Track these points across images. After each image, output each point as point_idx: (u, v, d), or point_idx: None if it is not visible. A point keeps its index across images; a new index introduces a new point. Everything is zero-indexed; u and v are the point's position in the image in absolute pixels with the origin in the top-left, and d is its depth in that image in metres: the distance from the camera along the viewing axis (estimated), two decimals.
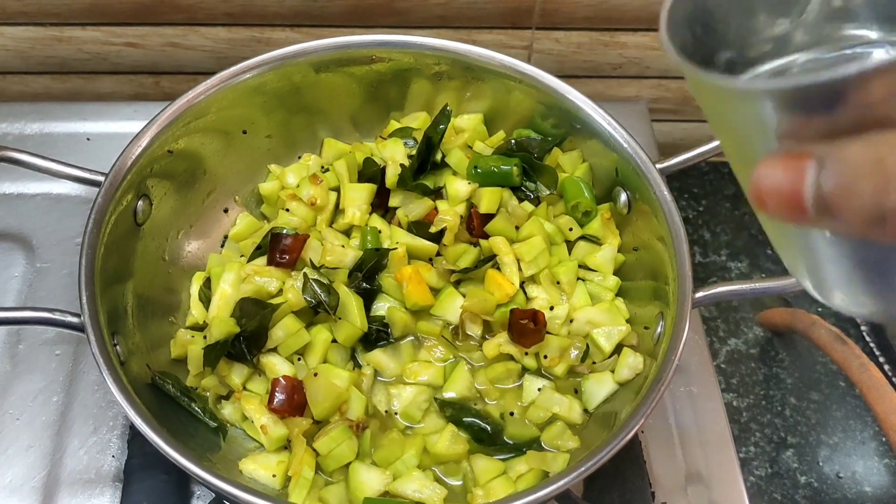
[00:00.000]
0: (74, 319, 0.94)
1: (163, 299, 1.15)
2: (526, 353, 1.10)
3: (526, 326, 1.07)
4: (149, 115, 1.24)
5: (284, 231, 1.13)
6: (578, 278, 1.15)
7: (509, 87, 1.21)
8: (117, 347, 0.98)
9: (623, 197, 1.15)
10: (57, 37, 1.45)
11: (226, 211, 1.24)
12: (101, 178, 1.03)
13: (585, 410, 1.08)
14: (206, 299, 1.13)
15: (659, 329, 1.04)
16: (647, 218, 1.09)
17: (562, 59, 1.51)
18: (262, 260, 1.13)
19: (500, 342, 1.10)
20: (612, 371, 1.08)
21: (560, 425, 1.06)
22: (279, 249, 1.10)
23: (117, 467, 1.11)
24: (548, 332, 1.09)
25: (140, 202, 1.10)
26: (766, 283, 0.99)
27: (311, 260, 1.11)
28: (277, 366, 1.06)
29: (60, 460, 1.12)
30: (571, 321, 1.11)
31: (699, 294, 0.98)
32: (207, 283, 1.14)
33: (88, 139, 1.38)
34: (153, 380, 1.04)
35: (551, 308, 1.11)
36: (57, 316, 0.95)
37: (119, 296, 1.04)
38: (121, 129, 1.38)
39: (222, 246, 1.23)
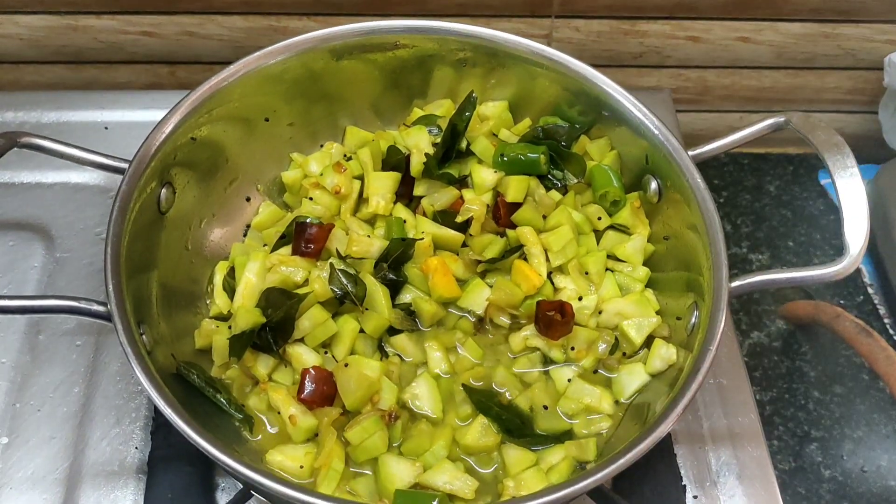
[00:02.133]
0: (101, 308, 0.93)
1: (187, 288, 1.14)
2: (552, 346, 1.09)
3: (553, 318, 1.05)
4: (167, 104, 1.23)
5: (309, 220, 1.11)
6: (607, 269, 1.14)
7: (534, 73, 1.19)
8: (143, 337, 0.96)
9: (653, 185, 1.14)
10: (72, 26, 1.44)
11: (248, 199, 1.23)
12: (125, 165, 1.02)
13: (617, 402, 1.07)
14: (230, 289, 1.12)
15: (693, 320, 1.02)
16: (679, 206, 1.07)
17: (581, 48, 1.49)
18: (287, 249, 1.11)
19: (527, 335, 1.08)
20: (644, 363, 1.07)
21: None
22: (304, 239, 1.09)
23: (140, 459, 1.10)
24: (576, 324, 1.08)
25: (163, 190, 1.08)
26: (804, 272, 0.97)
27: (336, 250, 1.10)
28: (304, 356, 1.05)
29: (83, 452, 1.10)
30: (600, 312, 1.10)
31: (735, 283, 0.96)
32: (231, 273, 1.13)
33: (106, 128, 1.37)
34: (178, 370, 1.03)
35: (579, 299, 1.10)
36: (83, 304, 0.93)
37: (144, 285, 1.03)
38: (138, 117, 1.38)
39: (245, 235, 1.22)
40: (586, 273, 1.12)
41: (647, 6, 1.43)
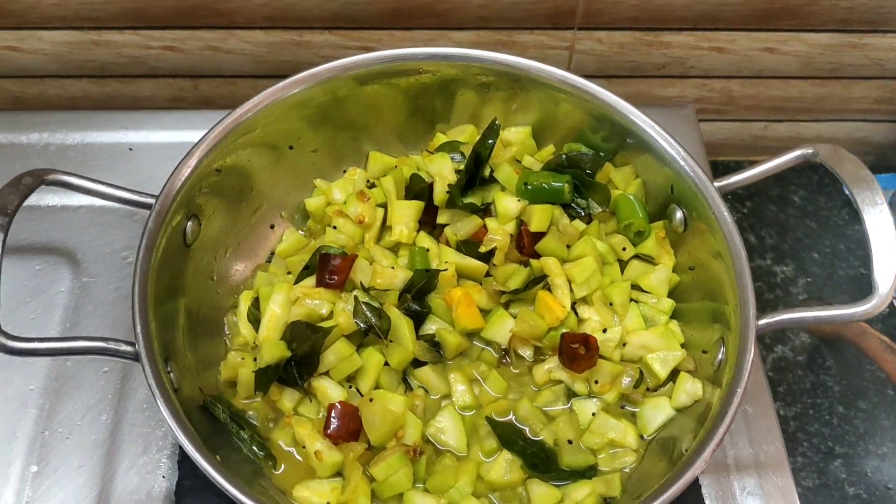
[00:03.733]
0: (129, 348, 0.94)
1: (212, 318, 1.14)
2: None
3: (577, 351, 1.05)
4: (190, 125, 1.25)
5: (332, 251, 1.11)
6: (631, 300, 1.13)
7: (557, 98, 1.19)
8: (171, 375, 0.97)
9: (678, 214, 1.13)
10: (95, 41, 1.44)
11: (272, 227, 1.23)
12: (151, 201, 1.02)
13: (642, 437, 1.07)
14: (254, 319, 1.12)
15: (719, 356, 1.02)
16: (705, 237, 1.07)
17: (604, 60, 1.48)
18: (311, 280, 1.12)
19: (551, 367, 1.08)
20: (669, 397, 1.07)
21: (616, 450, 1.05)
22: (328, 270, 1.09)
23: (168, 488, 1.11)
24: (600, 356, 1.08)
25: (189, 223, 1.09)
26: (832, 311, 0.97)
27: (361, 283, 1.10)
28: (329, 390, 1.05)
29: (111, 481, 1.11)
30: (624, 345, 1.10)
31: (763, 321, 0.96)
32: (256, 303, 1.13)
33: (130, 149, 1.37)
34: (204, 402, 1.03)
35: (604, 331, 1.09)
36: (111, 345, 0.94)
37: (171, 318, 1.04)
38: (162, 138, 1.38)
39: (268, 261, 1.22)
40: (610, 304, 1.11)
41: (670, 17, 1.41)
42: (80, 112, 1.43)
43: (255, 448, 1.04)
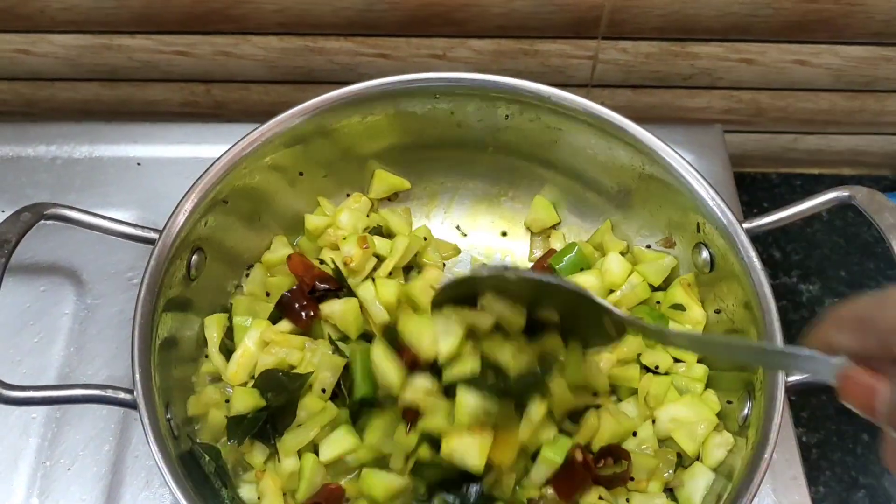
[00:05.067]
0: (128, 396, 0.90)
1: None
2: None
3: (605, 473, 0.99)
4: (200, 138, 1.21)
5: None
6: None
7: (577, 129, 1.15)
8: (171, 422, 0.94)
9: (704, 254, 1.09)
10: (106, 45, 1.41)
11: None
12: (155, 236, 0.98)
13: None
14: (226, 351, 1.08)
15: (746, 410, 0.97)
16: (731, 282, 1.02)
17: (628, 70, 1.43)
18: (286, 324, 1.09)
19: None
20: (700, 459, 1.02)
21: None
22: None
23: None
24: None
25: (195, 256, 1.05)
26: None
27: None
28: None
29: None
30: (653, 421, 1.05)
31: (792, 380, 0.91)
32: (229, 333, 1.10)
33: (139, 164, 1.34)
34: (192, 450, 0.99)
35: (634, 434, 1.04)
36: (110, 394, 0.91)
37: (172, 359, 1.00)
38: (171, 153, 1.34)
39: (248, 269, 1.18)
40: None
41: (697, 28, 1.36)
42: (88, 124, 1.40)
43: None
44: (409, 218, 1.25)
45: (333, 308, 1.08)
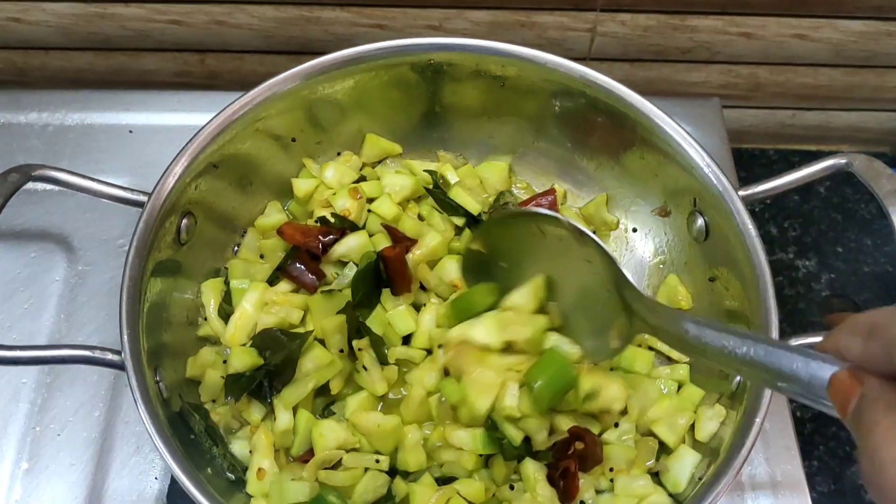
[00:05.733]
0: (116, 357, 0.89)
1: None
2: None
3: (577, 453, 0.97)
4: (193, 106, 1.19)
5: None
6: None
7: (574, 94, 1.13)
8: (160, 384, 0.93)
9: (699, 222, 1.07)
10: (99, 13, 1.39)
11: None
12: (144, 199, 0.97)
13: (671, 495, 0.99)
14: (224, 315, 1.08)
15: (738, 377, 0.97)
16: (727, 250, 1.01)
17: (626, 43, 1.42)
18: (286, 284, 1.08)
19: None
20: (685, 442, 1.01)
21: None
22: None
23: (160, 490, 1.08)
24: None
25: (184, 221, 1.04)
26: None
27: None
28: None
29: (102, 480, 1.08)
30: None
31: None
32: (227, 298, 1.10)
33: (131, 131, 1.32)
34: (181, 410, 0.99)
35: (616, 425, 1.03)
36: (97, 354, 0.90)
37: (161, 323, 1.00)
38: (164, 121, 1.33)
39: (243, 235, 1.17)
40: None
41: (697, 1, 1.35)
42: (80, 91, 1.38)
43: (225, 467, 1.00)
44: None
45: (349, 244, 1.08)
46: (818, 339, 0.94)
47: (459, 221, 1.14)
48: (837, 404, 0.59)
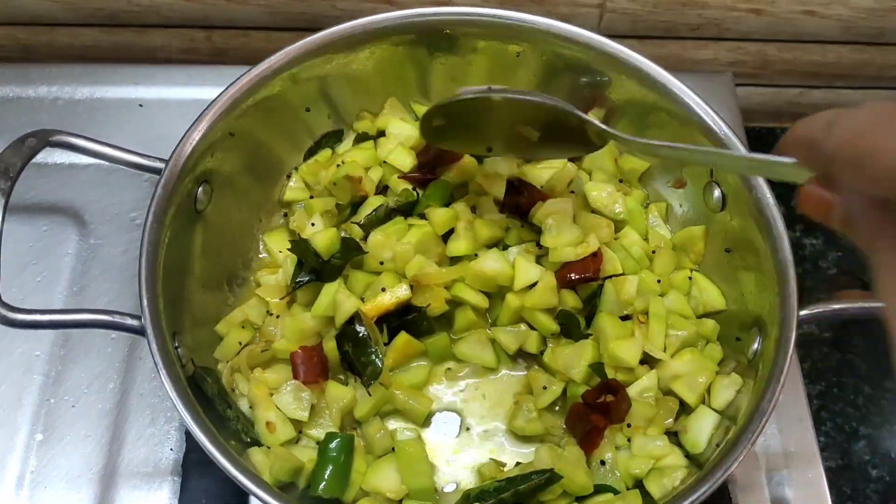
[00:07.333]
0: (135, 322, 0.89)
1: (217, 285, 1.11)
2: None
3: (604, 404, 0.98)
4: (202, 80, 1.19)
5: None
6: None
7: (587, 61, 1.14)
8: (178, 350, 0.92)
9: (717, 193, 1.07)
10: None
11: (288, 177, 1.19)
12: (161, 165, 0.97)
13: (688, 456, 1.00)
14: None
15: (755, 346, 0.97)
16: (744, 219, 1.01)
17: (636, 19, 1.42)
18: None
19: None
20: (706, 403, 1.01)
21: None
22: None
23: (175, 460, 1.08)
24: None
25: (200, 189, 1.04)
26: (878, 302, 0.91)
27: None
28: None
29: (117, 451, 1.08)
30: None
31: (804, 312, 0.90)
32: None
33: (141, 105, 1.32)
34: (194, 374, 0.98)
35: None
36: (117, 319, 0.90)
37: (179, 290, 1.00)
38: (174, 94, 1.33)
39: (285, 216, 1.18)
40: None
41: None
42: (89, 65, 1.37)
43: (239, 428, 1.00)
44: None
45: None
46: (826, 307, 0.94)
47: None
48: (817, 216, 0.66)
